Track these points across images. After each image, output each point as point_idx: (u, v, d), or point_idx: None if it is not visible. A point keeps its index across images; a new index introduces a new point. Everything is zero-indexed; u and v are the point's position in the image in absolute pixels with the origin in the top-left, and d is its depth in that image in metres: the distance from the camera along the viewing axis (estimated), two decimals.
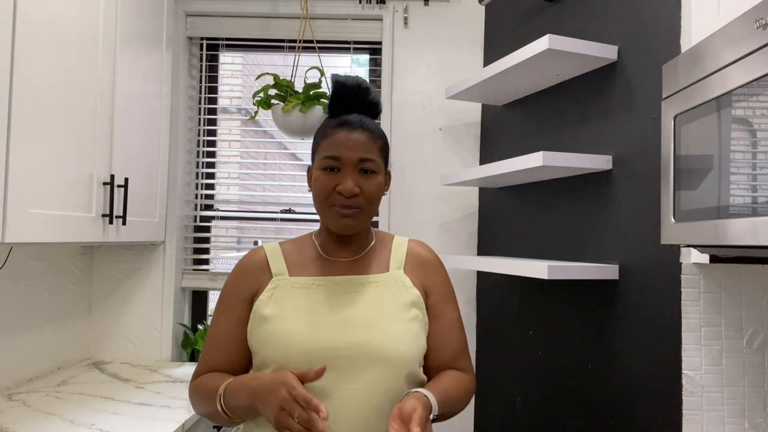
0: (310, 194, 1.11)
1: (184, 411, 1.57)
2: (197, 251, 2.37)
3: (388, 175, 1.13)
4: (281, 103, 2.03)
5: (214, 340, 1.09)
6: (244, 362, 1.09)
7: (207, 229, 2.38)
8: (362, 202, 1.04)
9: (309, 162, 1.16)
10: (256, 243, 2.49)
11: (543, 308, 1.76)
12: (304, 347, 0.99)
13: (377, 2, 2.26)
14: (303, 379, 0.90)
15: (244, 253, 1.17)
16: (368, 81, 2.33)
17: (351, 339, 1.00)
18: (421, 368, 1.09)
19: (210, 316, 2.41)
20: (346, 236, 1.10)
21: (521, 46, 1.60)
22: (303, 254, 1.12)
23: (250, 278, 1.10)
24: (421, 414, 0.89)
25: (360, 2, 2.26)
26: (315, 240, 1.15)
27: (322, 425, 0.84)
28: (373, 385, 0.99)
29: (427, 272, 1.13)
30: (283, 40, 2.34)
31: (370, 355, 0.99)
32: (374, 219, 2.28)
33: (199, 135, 2.37)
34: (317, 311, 1.03)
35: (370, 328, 1.01)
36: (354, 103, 1.09)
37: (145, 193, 1.96)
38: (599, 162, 1.50)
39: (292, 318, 1.02)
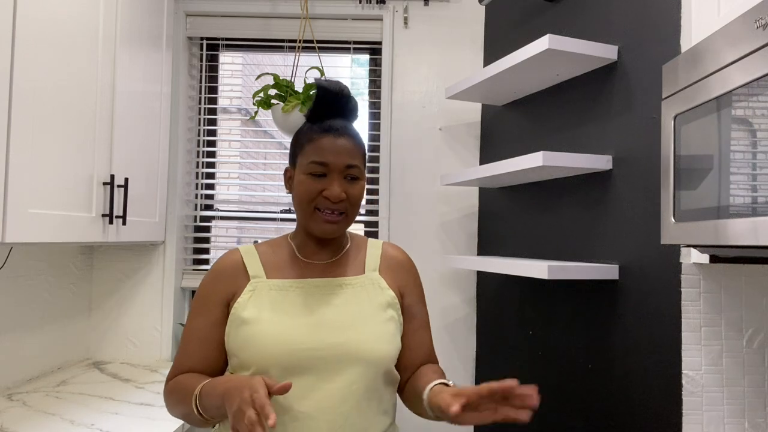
0: None
1: None
2: (197, 251, 2.37)
3: (364, 180, 1.16)
4: (281, 103, 2.03)
5: (190, 342, 1.10)
6: (220, 364, 1.10)
7: (207, 229, 2.38)
8: (347, 206, 1.07)
9: None
10: (256, 243, 2.49)
11: (543, 308, 1.76)
12: (284, 349, 1.00)
13: (377, 2, 2.26)
14: (269, 389, 0.88)
15: None
16: (368, 81, 2.35)
17: (329, 340, 1.02)
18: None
19: None
20: (324, 239, 1.12)
21: (521, 46, 1.60)
22: (279, 256, 1.14)
23: (227, 281, 1.10)
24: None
25: (360, 2, 2.26)
26: (291, 242, 1.16)
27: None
28: (351, 385, 1.02)
29: (402, 275, 1.17)
30: (283, 40, 2.34)
31: (348, 355, 1.02)
32: (374, 219, 2.28)
33: (199, 135, 2.37)
34: (296, 313, 1.04)
35: (347, 329, 1.04)
36: (336, 108, 1.10)
37: (145, 193, 1.96)
38: (599, 162, 1.50)
39: (271, 320, 1.03)
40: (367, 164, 1.15)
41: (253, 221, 2.39)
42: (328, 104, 1.10)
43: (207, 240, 2.38)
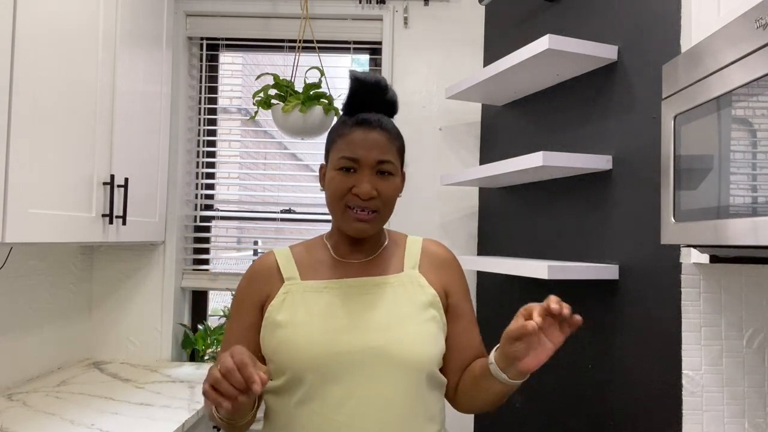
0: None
1: (184, 411, 1.57)
2: (197, 251, 2.36)
3: (402, 176, 1.10)
4: (281, 103, 2.03)
5: (227, 346, 1.07)
6: None
7: (207, 229, 2.38)
8: (379, 204, 1.01)
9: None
10: (256, 243, 2.49)
11: None
12: (318, 353, 0.96)
13: (377, 2, 2.26)
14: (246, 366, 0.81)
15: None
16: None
17: (366, 343, 0.97)
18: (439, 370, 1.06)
19: (210, 316, 2.41)
20: (360, 237, 1.06)
21: (521, 46, 1.60)
22: (314, 257, 1.09)
23: (261, 284, 1.07)
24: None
25: (360, 2, 2.26)
26: (326, 242, 1.11)
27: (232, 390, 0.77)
28: (391, 390, 0.96)
29: (446, 271, 1.11)
30: (283, 40, 2.34)
31: (387, 358, 0.96)
32: None
33: (199, 135, 2.37)
34: (331, 315, 1.00)
35: (385, 331, 0.98)
36: (372, 101, 1.05)
37: (145, 193, 1.96)
38: (599, 162, 1.50)
39: (305, 323, 0.99)
40: None
41: (253, 221, 2.39)
42: (363, 97, 1.04)
43: (207, 240, 2.38)
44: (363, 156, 1.00)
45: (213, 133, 2.40)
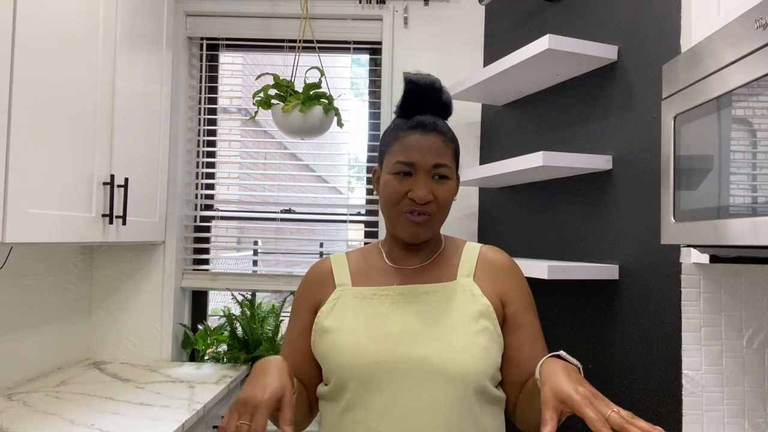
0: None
1: (184, 411, 1.57)
2: (197, 251, 2.36)
3: (457, 179, 1.08)
4: (281, 103, 2.03)
5: (285, 349, 1.09)
6: (311, 372, 1.06)
7: (207, 229, 2.38)
8: (435, 208, 1.00)
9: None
10: (256, 243, 2.49)
11: (543, 308, 1.76)
12: (360, 361, 0.95)
13: (377, 2, 2.26)
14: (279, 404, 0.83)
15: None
16: (368, 81, 2.35)
17: (411, 353, 0.94)
18: (497, 385, 1.02)
19: (210, 316, 2.41)
20: (413, 243, 1.05)
21: (521, 46, 1.60)
22: (368, 263, 1.09)
23: (315, 289, 1.08)
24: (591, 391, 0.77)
25: (360, 2, 2.26)
26: (381, 248, 1.11)
27: None
28: (436, 404, 0.92)
29: (504, 280, 1.05)
30: (283, 40, 2.34)
31: (431, 370, 0.93)
32: (374, 219, 2.27)
33: (199, 135, 2.37)
34: (377, 323, 0.98)
35: (432, 341, 0.95)
36: (426, 103, 1.04)
37: (145, 193, 1.96)
38: (599, 162, 1.50)
39: (351, 330, 0.98)
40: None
41: (253, 221, 2.39)
42: (418, 99, 1.03)
43: (207, 240, 2.38)
44: (419, 160, 0.98)
45: (213, 133, 2.40)
